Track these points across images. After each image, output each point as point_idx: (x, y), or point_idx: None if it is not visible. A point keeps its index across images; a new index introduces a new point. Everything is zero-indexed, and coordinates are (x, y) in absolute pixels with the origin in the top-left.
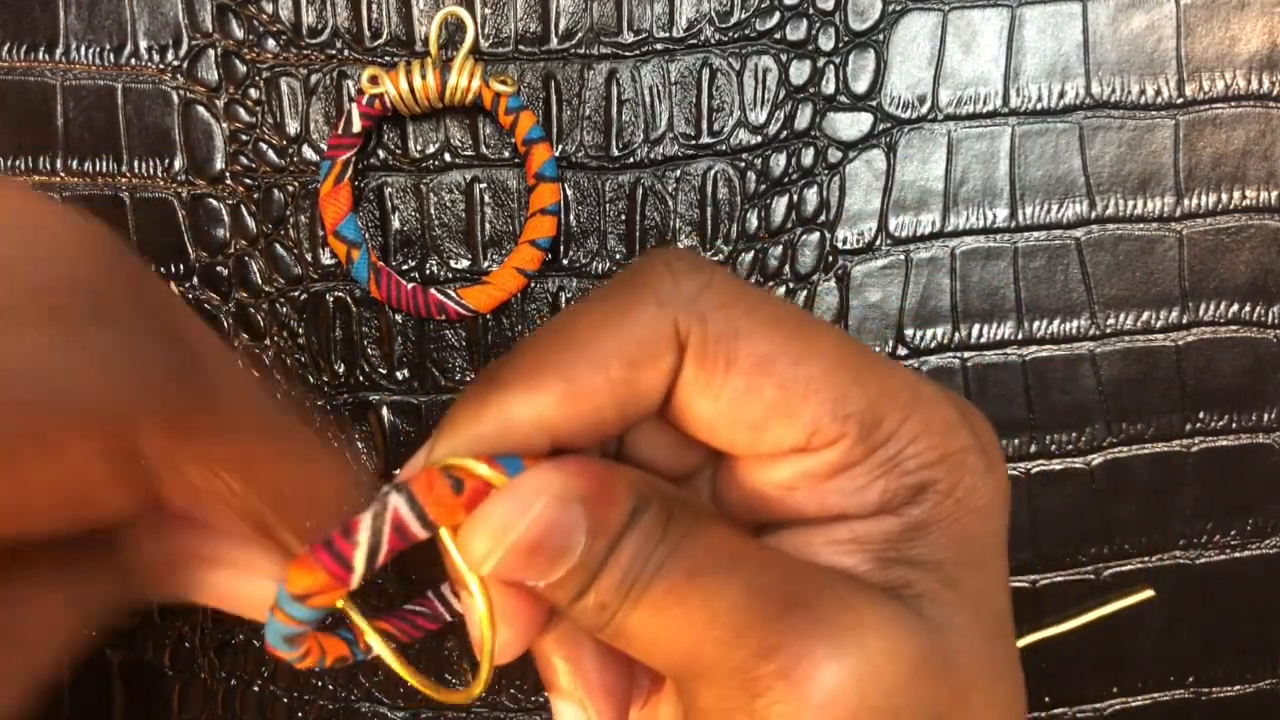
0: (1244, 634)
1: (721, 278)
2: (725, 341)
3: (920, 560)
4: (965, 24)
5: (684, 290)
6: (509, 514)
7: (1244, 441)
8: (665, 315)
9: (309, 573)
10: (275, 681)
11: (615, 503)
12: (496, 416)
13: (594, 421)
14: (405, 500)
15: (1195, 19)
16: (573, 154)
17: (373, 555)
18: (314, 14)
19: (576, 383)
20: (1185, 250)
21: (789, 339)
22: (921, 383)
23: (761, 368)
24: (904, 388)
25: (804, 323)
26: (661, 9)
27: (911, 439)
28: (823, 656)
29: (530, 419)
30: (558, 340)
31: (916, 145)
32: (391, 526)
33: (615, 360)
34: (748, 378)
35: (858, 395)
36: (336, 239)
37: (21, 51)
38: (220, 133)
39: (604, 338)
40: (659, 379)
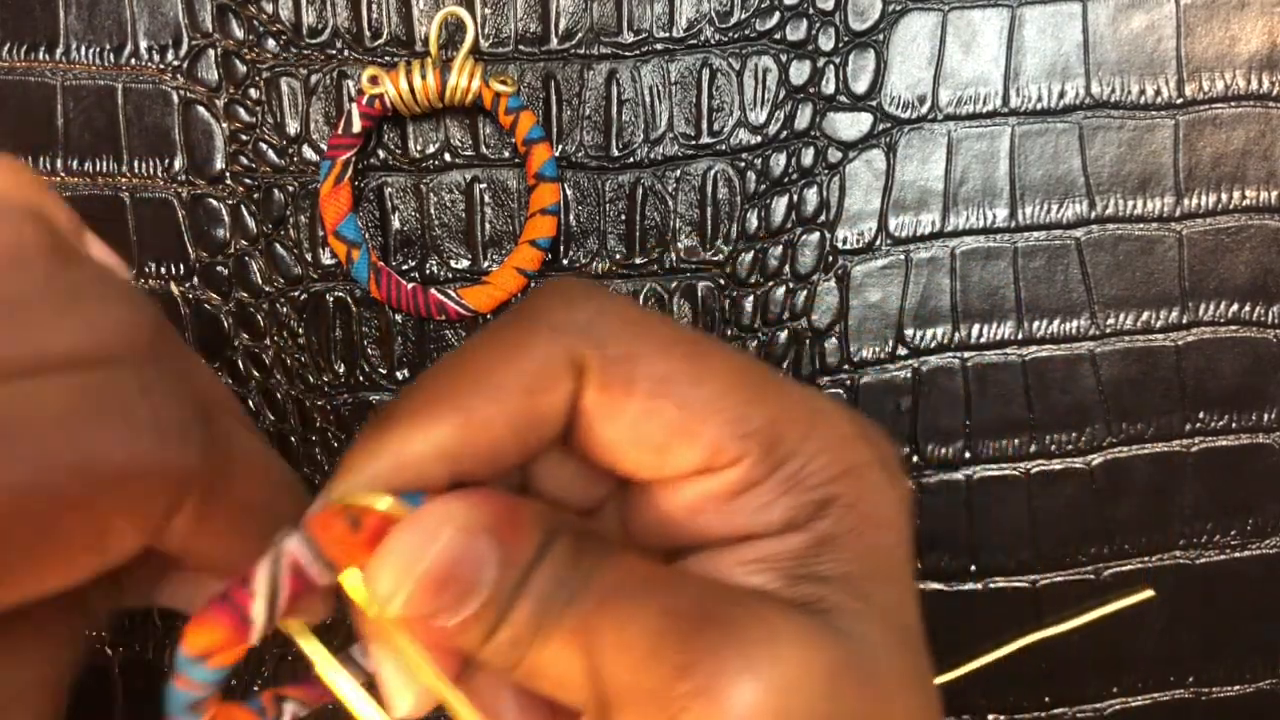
0: (1244, 634)
1: (615, 303)
2: (623, 365)
3: (828, 575)
4: (965, 24)
5: (578, 317)
6: (413, 545)
7: (1244, 441)
8: (559, 343)
9: (207, 629)
10: (275, 681)
11: (524, 534)
12: (392, 452)
13: (493, 452)
14: (301, 542)
15: (1195, 19)
16: (573, 154)
17: (272, 604)
18: (314, 14)
19: (473, 413)
20: (1185, 250)
21: (685, 361)
22: (818, 399)
23: (660, 390)
24: (801, 405)
25: (700, 345)
26: (661, 9)
27: (812, 455)
28: (738, 670)
29: (427, 452)
30: (452, 374)
31: (916, 145)
32: (289, 571)
33: (511, 390)
34: (647, 400)
35: (756, 414)
36: (336, 239)
37: (21, 51)
38: (220, 133)
39: (499, 368)
40: (557, 406)
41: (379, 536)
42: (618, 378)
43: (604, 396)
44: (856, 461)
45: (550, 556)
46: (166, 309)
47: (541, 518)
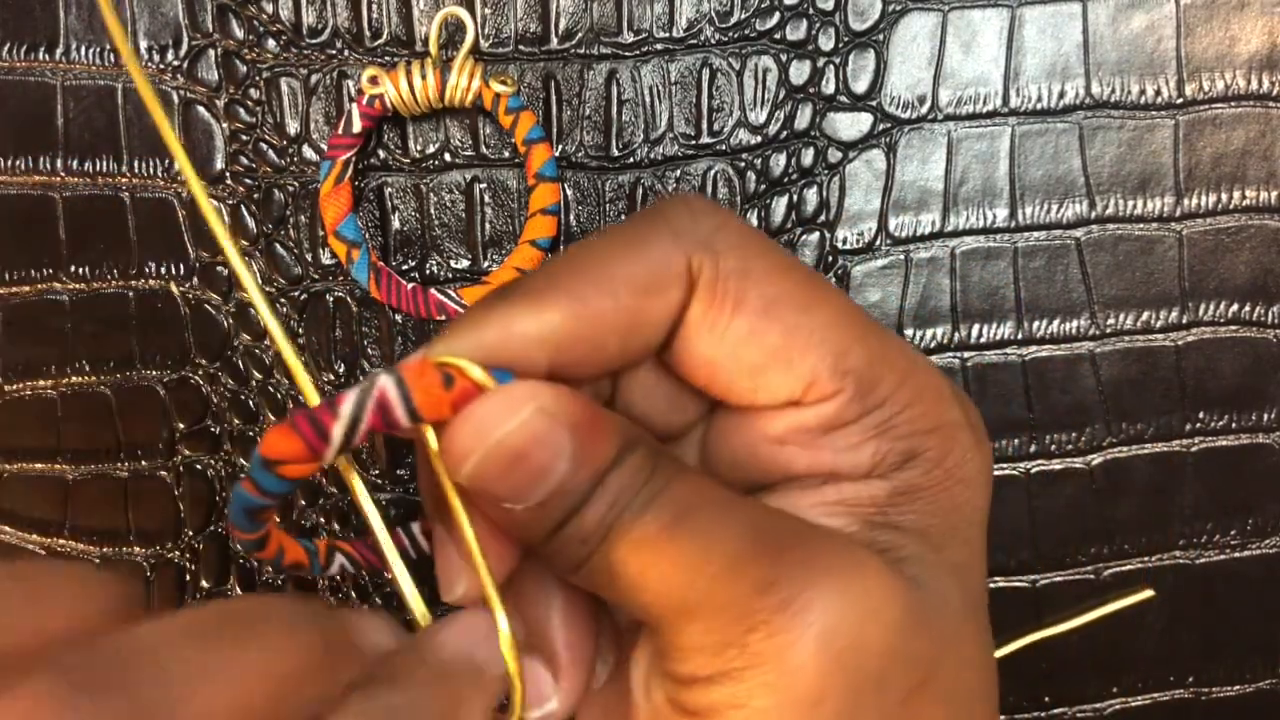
0: (1244, 634)
1: (737, 220)
2: (735, 280)
3: (907, 526)
4: (965, 24)
5: (701, 226)
6: (495, 413)
7: (1244, 441)
8: (679, 248)
9: (286, 439)
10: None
11: (603, 437)
12: (500, 325)
13: (598, 347)
14: (394, 382)
15: (1195, 19)
16: (573, 154)
17: (351, 430)
18: (314, 14)
19: (584, 303)
20: (1185, 250)
21: (797, 287)
22: (916, 352)
23: (768, 311)
24: (901, 354)
25: (812, 276)
26: (661, 9)
27: (906, 404)
28: (823, 591)
29: (533, 333)
30: (570, 264)
31: (916, 145)
32: (375, 405)
33: (625, 286)
34: (753, 320)
35: (858, 353)
36: (336, 239)
37: (22, 51)
38: (220, 133)
39: (616, 264)
40: (666, 310)
41: (467, 400)
42: (728, 292)
43: (711, 309)
44: (947, 419)
45: (628, 463)
46: (166, 309)
47: (623, 427)
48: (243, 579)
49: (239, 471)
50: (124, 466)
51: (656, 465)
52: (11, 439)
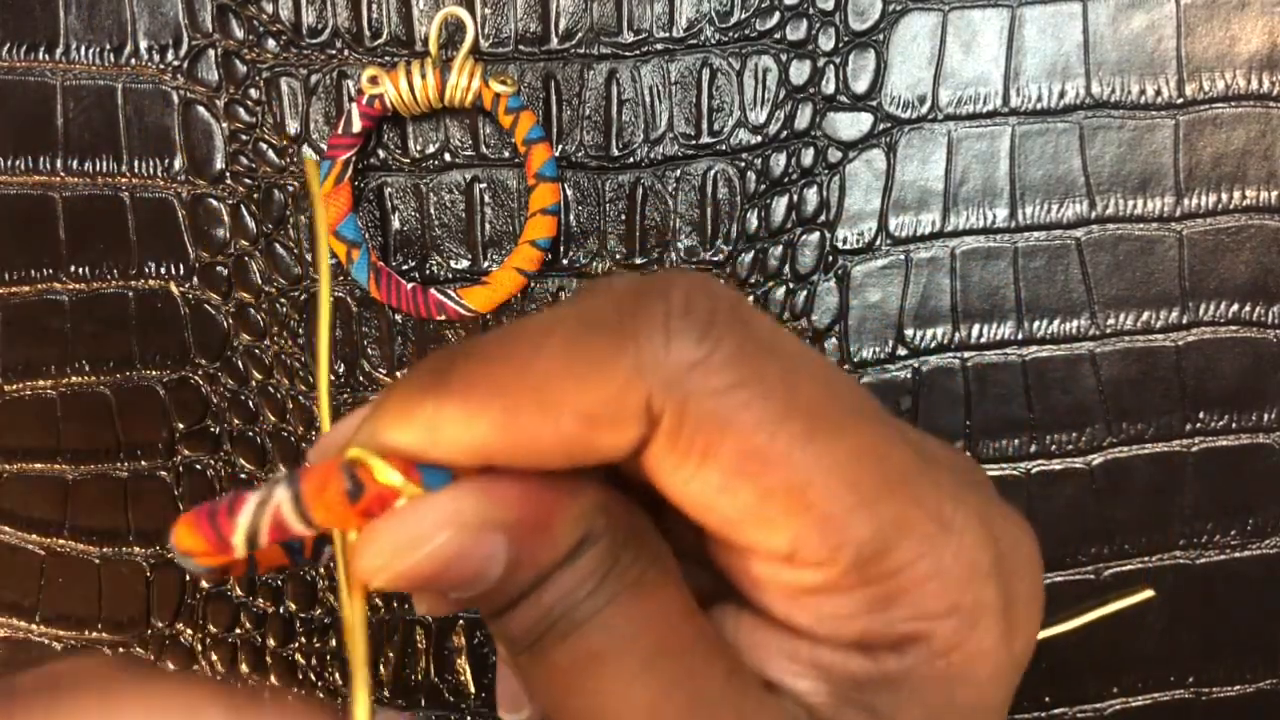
0: (1244, 634)
1: (729, 348)
2: (706, 430)
3: (883, 715)
4: (965, 24)
5: (673, 359)
6: (406, 537)
7: (1244, 441)
8: (639, 383)
9: (191, 535)
10: (275, 681)
11: (550, 534)
12: (424, 424)
13: (535, 463)
14: (290, 497)
15: (1195, 19)
16: (573, 154)
17: (251, 541)
18: (314, 14)
19: (518, 422)
20: (1185, 250)
21: (794, 440)
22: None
23: (744, 469)
24: (931, 518)
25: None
26: (661, 9)
27: (919, 581)
28: None
29: (462, 441)
30: (511, 363)
31: (916, 145)
32: (271, 519)
33: (569, 413)
34: (725, 476)
35: (862, 522)
36: (337, 239)
37: (21, 51)
38: (220, 133)
39: (562, 381)
40: (618, 445)
41: (380, 506)
42: (695, 444)
43: (673, 456)
44: (972, 603)
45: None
46: (166, 309)
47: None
48: (242, 579)
49: (238, 472)
50: (124, 466)
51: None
52: (11, 439)
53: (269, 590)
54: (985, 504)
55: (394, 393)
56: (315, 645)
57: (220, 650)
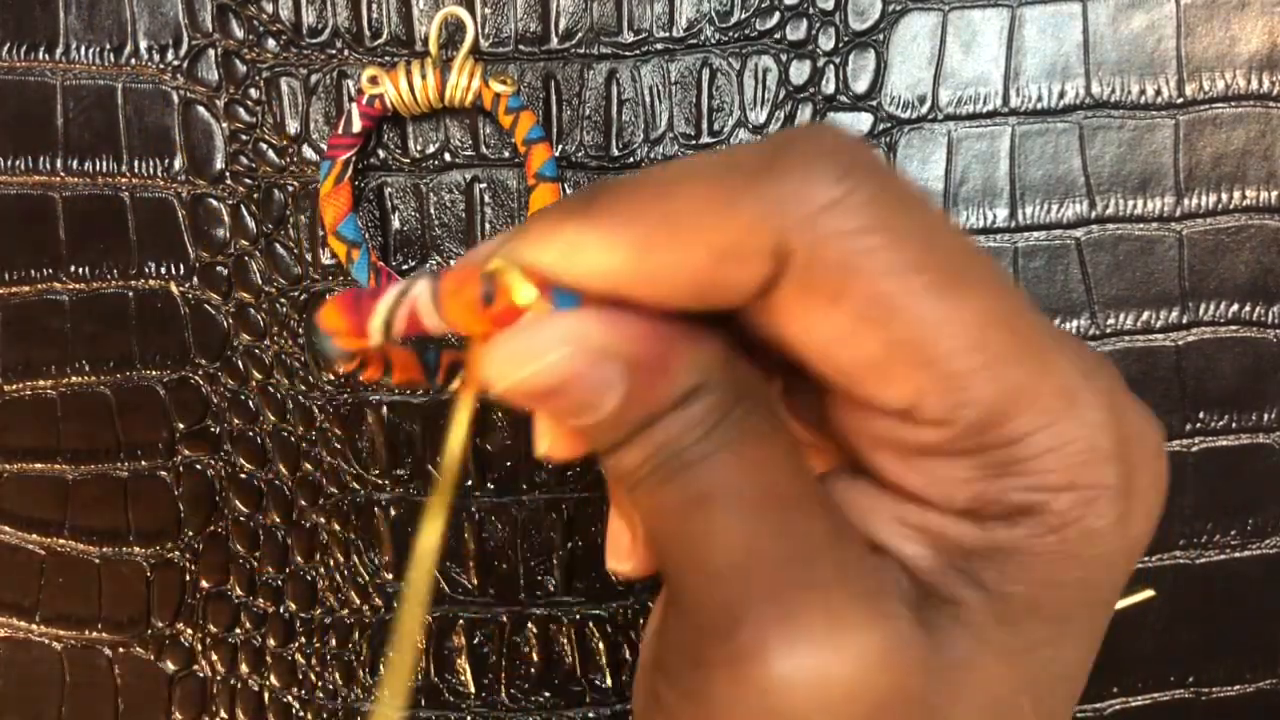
0: (1244, 634)
1: (866, 193)
2: (835, 274)
3: (987, 585)
4: (965, 24)
5: (808, 199)
6: (523, 350)
7: (1244, 441)
8: (771, 222)
9: (335, 314)
10: (275, 681)
11: (667, 376)
12: (564, 246)
13: (664, 296)
14: (430, 292)
15: (1195, 19)
16: (573, 154)
17: (386, 328)
18: (314, 14)
19: (653, 250)
20: (1185, 250)
21: (925, 291)
22: (1086, 387)
23: (871, 315)
24: (1056, 391)
25: (957, 274)
26: (661, 9)
27: (1038, 453)
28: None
29: (597, 266)
30: (657, 194)
31: (916, 145)
32: (407, 311)
33: (703, 246)
34: (850, 322)
35: (984, 383)
36: (336, 239)
37: (21, 51)
38: (220, 132)
39: (700, 215)
40: (747, 282)
41: (510, 317)
42: (824, 286)
43: (801, 299)
44: (1090, 482)
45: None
46: (166, 309)
47: (699, 365)
48: (242, 579)
49: (239, 472)
50: (124, 466)
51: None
52: (11, 439)
53: (269, 590)
54: (1114, 389)
55: (541, 215)
56: (315, 645)
57: (220, 650)
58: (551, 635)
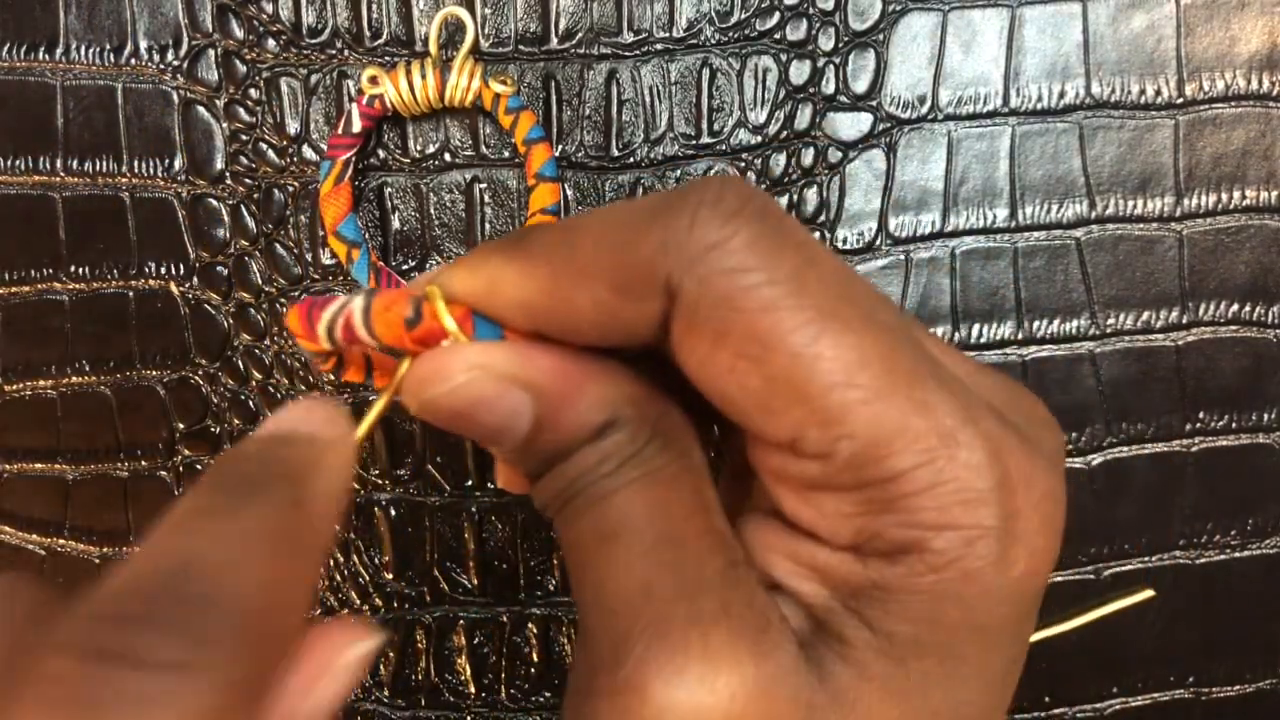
0: (1244, 634)
1: (747, 236)
2: (718, 311)
3: (873, 623)
4: (965, 24)
5: (694, 239)
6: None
7: (1244, 441)
8: (662, 261)
9: (295, 318)
10: None
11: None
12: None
13: (571, 330)
14: (362, 307)
15: (1195, 19)
16: (573, 154)
17: (329, 333)
18: (314, 14)
19: (560, 286)
20: (1185, 250)
21: (800, 329)
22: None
23: (751, 352)
24: (933, 430)
25: (833, 312)
26: (661, 9)
27: (915, 491)
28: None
29: (514, 298)
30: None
31: (916, 145)
32: (343, 322)
33: (604, 283)
34: (733, 358)
35: (859, 419)
36: (337, 239)
37: (21, 51)
38: (220, 133)
39: (603, 254)
40: (644, 319)
41: (432, 340)
42: (708, 323)
43: (689, 336)
44: (969, 521)
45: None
46: (166, 309)
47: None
48: None
49: None
50: (124, 466)
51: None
52: (11, 439)
53: None
54: (1000, 430)
55: (474, 251)
56: None
57: None
58: (551, 635)
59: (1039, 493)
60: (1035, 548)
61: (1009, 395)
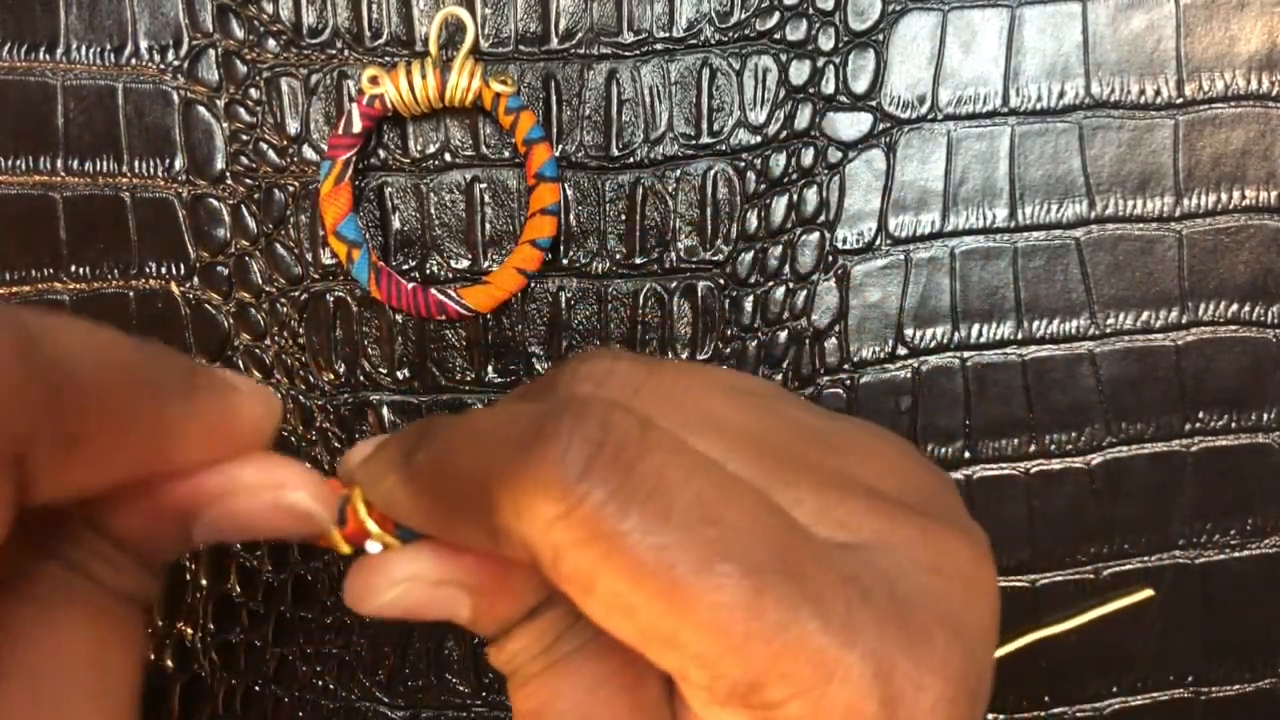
0: (1244, 634)
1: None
2: (580, 573)
3: None
4: (965, 24)
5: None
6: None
7: (1244, 441)
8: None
9: None
10: (275, 681)
11: (512, 594)
12: (385, 495)
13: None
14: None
15: (1195, 19)
16: (573, 154)
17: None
18: (314, 14)
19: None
20: (1185, 250)
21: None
22: (846, 655)
23: (617, 609)
24: (807, 663)
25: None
26: (661, 9)
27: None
28: None
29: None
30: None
31: (916, 145)
32: None
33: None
34: (604, 612)
35: (731, 665)
36: (337, 239)
37: (22, 51)
38: (221, 133)
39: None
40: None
41: (360, 538)
42: (573, 581)
43: (562, 587)
44: None
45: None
46: (166, 309)
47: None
48: (242, 578)
49: None
50: None
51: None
52: None
53: (269, 590)
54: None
55: (381, 452)
56: (315, 645)
57: (220, 650)
58: None
59: (931, 700)
60: None
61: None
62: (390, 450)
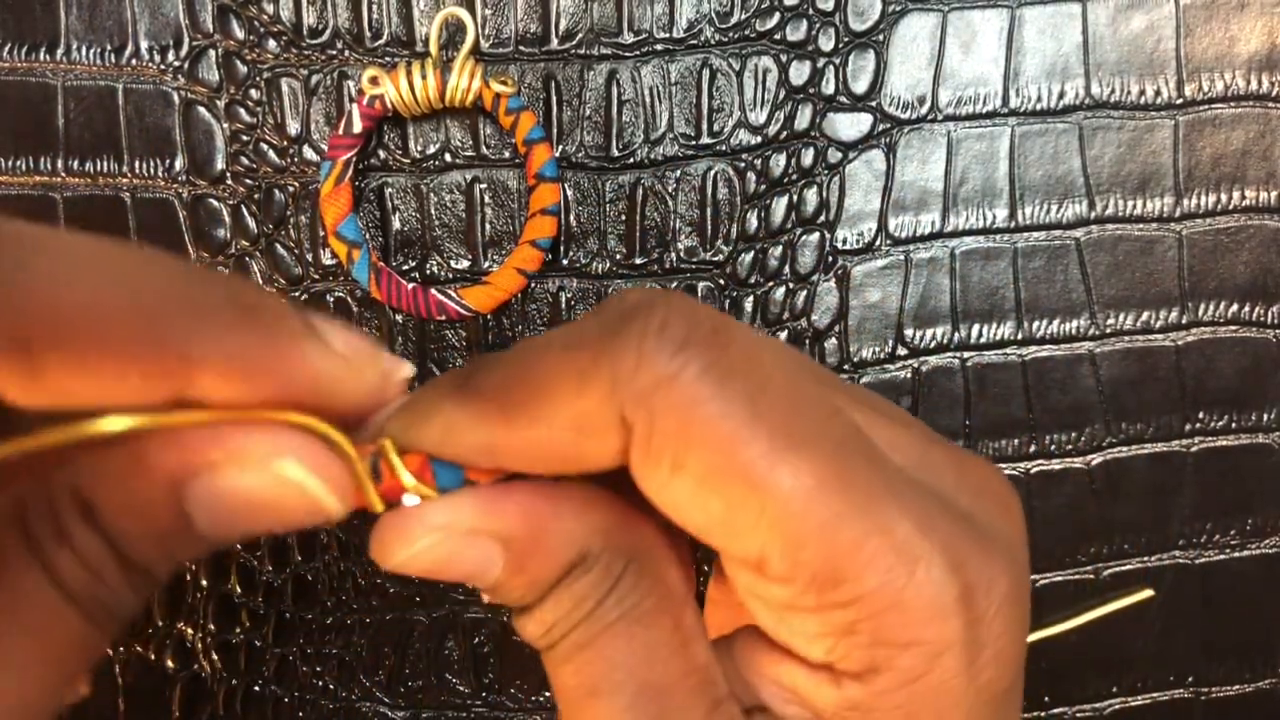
0: (1244, 634)
1: (698, 367)
2: (673, 442)
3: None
4: (965, 24)
5: (644, 375)
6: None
7: (1244, 441)
8: (613, 399)
9: None
10: (275, 681)
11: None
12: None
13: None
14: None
15: (1195, 19)
16: (573, 154)
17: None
18: (314, 14)
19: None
20: (1185, 250)
21: (756, 460)
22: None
23: (709, 481)
24: (891, 549)
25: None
26: (661, 9)
27: (879, 610)
28: None
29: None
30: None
31: (916, 145)
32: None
33: (559, 422)
34: (693, 487)
35: (816, 545)
36: (337, 239)
37: (22, 52)
38: (221, 133)
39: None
40: (605, 452)
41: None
42: (664, 456)
43: (647, 465)
44: (933, 636)
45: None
46: None
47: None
48: (242, 578)
49: None
50: None
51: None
52: None
53: (269, 590)
54: (958, 534)
55: (423, 393)
56: (315, 645)
57: (220, 650)
58: None
59: (1000, 595)
60: (1001, 650)
61: (961, 472)
62: (436, 388)
